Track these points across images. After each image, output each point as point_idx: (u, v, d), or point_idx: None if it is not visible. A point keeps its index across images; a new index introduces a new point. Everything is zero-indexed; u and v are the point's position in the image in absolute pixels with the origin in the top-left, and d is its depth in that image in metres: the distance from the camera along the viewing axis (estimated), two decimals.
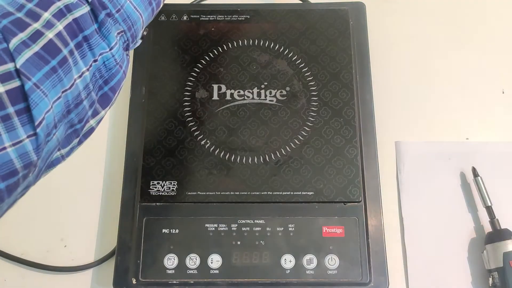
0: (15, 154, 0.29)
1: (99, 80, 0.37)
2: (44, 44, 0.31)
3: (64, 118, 0.34)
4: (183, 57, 0.58)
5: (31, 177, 0.32)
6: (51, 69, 0.31)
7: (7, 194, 0.30)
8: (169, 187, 0.53)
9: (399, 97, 0.61)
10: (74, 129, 0.36)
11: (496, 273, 0.50)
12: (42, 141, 0.31)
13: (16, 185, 0.30)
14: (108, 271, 0.53)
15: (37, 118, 0.30)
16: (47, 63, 0.31)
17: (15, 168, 0.29)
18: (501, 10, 0.66)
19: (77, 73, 0.34)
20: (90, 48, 0.35)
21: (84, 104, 0.35)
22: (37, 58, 0.31)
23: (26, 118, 0.30)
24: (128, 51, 0.40)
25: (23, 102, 0.29)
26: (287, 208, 0.52)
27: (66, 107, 0.33)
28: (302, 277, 0.50)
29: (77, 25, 0.34)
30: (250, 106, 0.56)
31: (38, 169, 0.33)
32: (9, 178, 0.29)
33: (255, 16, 0.60)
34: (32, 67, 0.30)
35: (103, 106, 0.38)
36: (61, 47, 0.32)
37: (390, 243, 0.53)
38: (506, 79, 0.62)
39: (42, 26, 0.31)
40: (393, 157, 0.58)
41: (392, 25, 0.65)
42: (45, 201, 0.57)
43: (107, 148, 0.59)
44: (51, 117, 0.31)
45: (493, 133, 0.59)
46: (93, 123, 0.38)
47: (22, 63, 0.30)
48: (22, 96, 0.29)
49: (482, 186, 0.54)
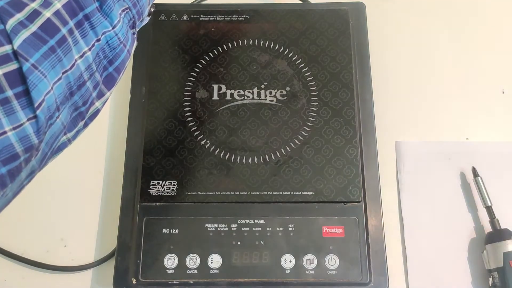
0: (16, 138, 0.29)
1: (104, 61, 0.36)
2: (42, 23, 0.30)
3: (68, 100, 0.33)
4: (183, 57, 0.58)
5: (34, 161, 0.32)
6: (49, 49, 0.30)
7: (9, 179, 0.29)
8: (169, 187, 0.53)
9: (399, 97, 0.61)
10: (79, 112, 0.35)
11: (496, 273, 0.50)
12: (43, 124, 0.30)
13: (18, 170, 0.30)
14: (108, 271, 0.53)
15: (37, 100, 0.29)
16: (45, 43, 0.30)
17: (15, 152, 0.29)
18: (501, 10, 0.66)
19: (77, 53, 0.33)
20: (92, 27, 0.34)
21: (87, 86, 0.34)
22: (34, 38, 0.30)
23: (26, 101, 0.29)
24: (135, 30, 0.39)
25: (22, 84, 0.29)
26: (287, 208, 0.52)
27: (68, 89, 0.32)
28: (302, 277, 0.50)
29: (76, 3, 0.33)
30: (250, 106, 0.56)
31: (42, 154, 0.32)
32: (10, 163, 0.29)
33: (255, 16, 0.60)
34: (29, 47, 0.29)
35: (108, 87, 0.37)
36: (59, 26, 0.31)
37: (390, 243, 0.53)
38: (506, 79, 0.62)
39: (40, 5, 0.31)
40: (393, 157, 0.58)
41: (392, 25, 0.65)
42: (45, 201, 0.57)
43: (107, 148, 0.59)
44: (52, 99, 0.31)
45: (493, 133, 0.59)
46: (99, 105, 0.38)
47: (19, 44, 0.29)
48: (20, 78, 0.29)
49: (482, 186, 0.54)
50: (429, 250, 0.54)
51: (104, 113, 0.61)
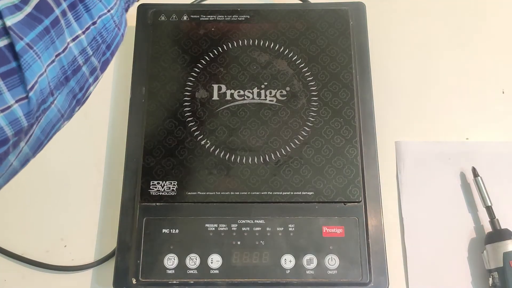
0: (5, 122, 0.27)
1: (102, 46, 0.35)
2: (36, 3, 0.29)
3: (63, 86, 0.32)
4: (183, 57, 0.58)
5: (27, 148, 0.30)
6: (44, 29, 0.29)
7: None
8: (169, 187, 0.53)
9: (399, 97, 0.61)
10: (77, 100, 0.34)
11: (496, 273, 0.50)
12: (34, 107, 0.29)
13: (6, 154, 0.28)
14: (108, 271, 0.53)
15: (30, 81, 0.28)
16: (40, 22, 0.29)
17: (6, 136, 0.27)
18: (501, 10, 0.66)
19: (70, 36, 0.31)
20: (87, 9, 0.32)
21: (83, 71, 0.33)
22: (30, 19, 0.28)
23: (16, 80, 0.27)
24: (127, 12, 0.38)
25: (13, 62, 0.27)
26: (287, 208, 0.52)
27: (63, 73, 0.31)
28: (302, 277, 0.50)
29: None
30: (250, 106, 0.56)
31: (37, 141, 0.31)
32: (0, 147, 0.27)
33: (255, 16, 0.60)
34: (24, 27, 0.28)
35: (102, 70, 0.36)
36: (53, 6, 0.30)
37: (390, 243, 0.53)
38: (506, 79, 0.62)
39: None
40: (393, 157, 0.58)
41: (392, 25, 0.65)
42: (45, 201, 0.57)
43: (107, 148, 0.59)
44: (45, 82, 0.29)
45: (493, 133, 0.59)
46: (92, 89, 0.36)
47: (14, 23, 0.27)
48: (12, 55, 0.27)
49: (482, 186, 0.54)
50: (429, 250, 0.54)
51: (104, 113, 0.61)
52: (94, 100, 0.61)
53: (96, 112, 0.61)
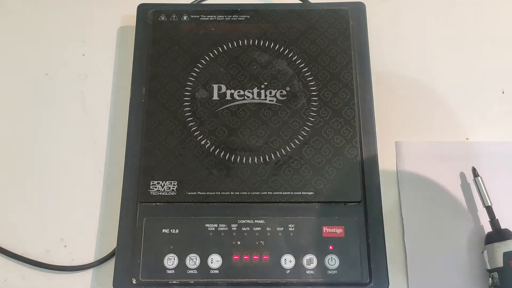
0: None
1: None
2: None
3: None
4: (183, 57, 0.58)
5: None
6: None
7: None
8: (169, 187, 0.53)
9: (399, 97, 0.61)
10: None
11: (496, 273, 0.50)
12: None
13: None
14: (108, 271, 0.53)
15: None
16: None
17: None
18: (501, 10, 0.66)
19: None
20: None
21: None
22: None
23: None
24: None
25: None
26: (287, 208, 0.52)
27: None
28: (302, 277, 0.50)
29: None
30: (250, 106, 0.56)
31: None
32: None
33: (255, 16, 0.60)
34: None
35: None
36: None
37: (390, 243, 0.53)
38: (506, 79, 0.62)
39: None
40: (393, 157, 0.58)
41: (392, 25, 0.65)
42: (45, 201, 0.57)
43: (107, 148, 0.59)
44: None
45: (493, 133, 0.59)
46: None
47: None
48: None
49: (482, 186, 0.54)
50: (429, 250, 0.54)
51: (104, 113, 0.61)
52: (94, 100, 0.62)
53: (96, 112, 0.61)
